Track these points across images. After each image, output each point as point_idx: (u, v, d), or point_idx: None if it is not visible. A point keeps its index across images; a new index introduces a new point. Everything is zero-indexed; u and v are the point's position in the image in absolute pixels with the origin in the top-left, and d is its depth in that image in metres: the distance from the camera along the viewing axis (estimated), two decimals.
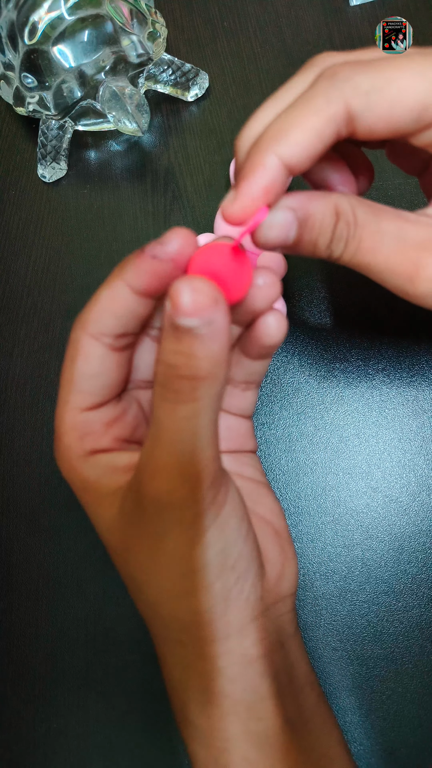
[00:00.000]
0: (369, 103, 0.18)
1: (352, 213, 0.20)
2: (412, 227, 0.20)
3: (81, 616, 0.33)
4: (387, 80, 0.18)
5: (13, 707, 0.33)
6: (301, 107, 0.19)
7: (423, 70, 0.18)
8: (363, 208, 0.20)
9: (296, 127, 0.18)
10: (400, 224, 0.20)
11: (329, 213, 0.20)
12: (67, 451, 0.23)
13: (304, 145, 0.18)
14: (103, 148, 0.40)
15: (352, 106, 0.18)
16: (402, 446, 0.33)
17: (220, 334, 0.18)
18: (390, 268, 0.20)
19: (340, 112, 0.18)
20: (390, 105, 0.18)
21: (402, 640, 0.31)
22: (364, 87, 0.18)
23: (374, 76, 0.18)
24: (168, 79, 0.39)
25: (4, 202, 0.40)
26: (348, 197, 0.20)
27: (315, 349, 0.34)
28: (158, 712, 0.32)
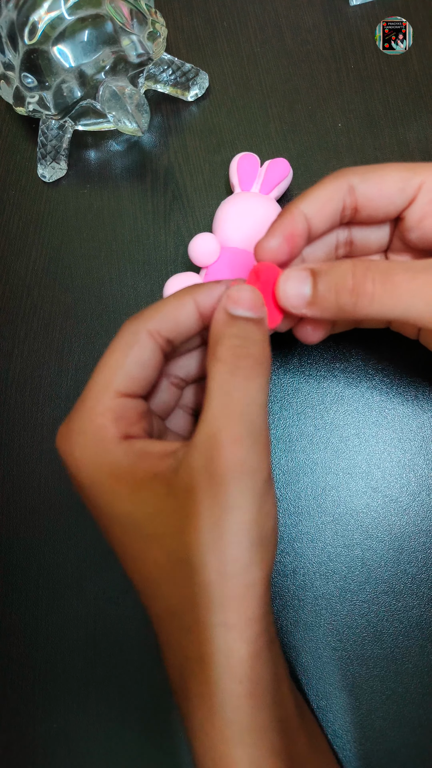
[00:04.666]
0: (364, 179, 0.25)
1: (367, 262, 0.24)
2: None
3: (81, 616, 0.33)
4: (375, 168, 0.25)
5: (13, 707, 0.33)
6: (317, 185, 0.26)
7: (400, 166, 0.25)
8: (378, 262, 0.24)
9: (314, 192, 0.25)
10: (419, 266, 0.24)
11: (343, 264, 0.24)
12: (99, 431, 0.23)
13: (319, 203, 0.25)
14: (103, 148, 0.40)
15: (352, 181, 0.25)
16: (402, 446, 0.33)
17: (265, 327, 0.24)
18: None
19: (345, 184, 0.25)
20: (379, 178, 0.25)
21: (402, 640, 0.31)
22: (360, 171, 0.25)
23: (367, 169, 0.25)
24: (168, 79, 0.39)
25: (4, 202, 0.40)
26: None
27: (315, 349, 0.34)
28: (158, 712, 0.32)
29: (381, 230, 0.28)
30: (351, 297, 0.23)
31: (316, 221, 0.25)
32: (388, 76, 0.39)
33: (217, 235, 0.35)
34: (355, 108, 0.38)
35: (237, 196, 0.35)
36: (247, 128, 0.39)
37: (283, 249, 0.25)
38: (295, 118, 0.39)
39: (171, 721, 0.32)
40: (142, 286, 0.37)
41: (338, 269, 0.24)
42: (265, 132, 0.39)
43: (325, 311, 0.24)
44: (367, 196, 0.25)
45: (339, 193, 0.25)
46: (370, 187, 0.25)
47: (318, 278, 0.24)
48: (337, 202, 0.25)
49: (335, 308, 0.24)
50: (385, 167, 0.25)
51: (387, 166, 0.25)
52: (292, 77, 0.40)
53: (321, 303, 0.24)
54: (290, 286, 0.24)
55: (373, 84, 0.39)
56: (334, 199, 0.25)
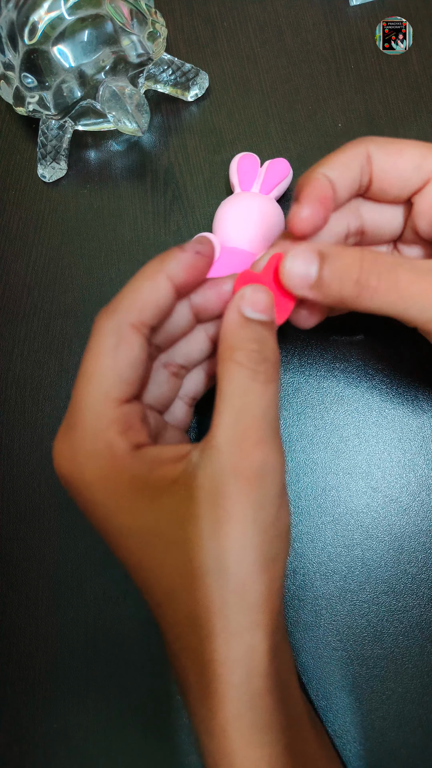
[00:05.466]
0: (382, 148, 0.25)
1: (376, 255, 0.24)
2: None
3: (81, 616, 0.33)
4: (395, 141, 0.25)
5: (13, 707, 0.33)
6: (336, 151, 0.26)
7: (420, 144, 0.25)
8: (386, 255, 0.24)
9: (334, 156, 0.25)
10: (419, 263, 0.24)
11: (351, 252, 0.24)
12: (110, 448, 0.22)
13: (340, 167, 0.25)
14: (103, 148, 0.40)
15: (371, 149, 0.25)
16: (402, 446, 0.33)
17: (275, 328, 0.24)
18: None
19: (363, 152, 0.25)
20: (397, 151, 0.25)
21: (402, 640, 0.31)
22: (380, 141, 0.25)
23: (387, 139, 0.25)
24: (168, 79, 0.39)
25: (4, 202, 0.40)
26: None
27: (315, 349, 0.34)
28: (158, 712, 0.32)
29: (393, 219, 0.28)
30: (354, 288, 0.23)
31: (339, 187, 0.25)
32: (388, 76, 0.39)
33: (217, 235, 0.35)
34: (355, 108, 0.38)
35: (237, 196, 0.35)
36: (247, 128, 0.39)
37: (319, 215, 0.24)
38: (295, 118, 0.39)
39: (171, 721, 0.32)
40: None
41: (346, 256, 0.24)
42: (265, 132, 0.39)
43: (327, 297, 0.24)
44: (383, 167, 0.25)
45: (358, 159, 0.25)
46: (387, 157, 0.25)
47: (325, 261, 0.24)
48: (356, 168, 0.25)
49: (337, 296, 0.24)
50: (405, 142, 0.25)
51: (407, 142, 0.25)
52: (292, 77, 0.40)
53: (324, 288, 0.24)
54: (296, 266, 0.24)
55: (373, 84, 0.39)
56: (354, 165, 0.25)
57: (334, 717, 0.30)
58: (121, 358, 0.22)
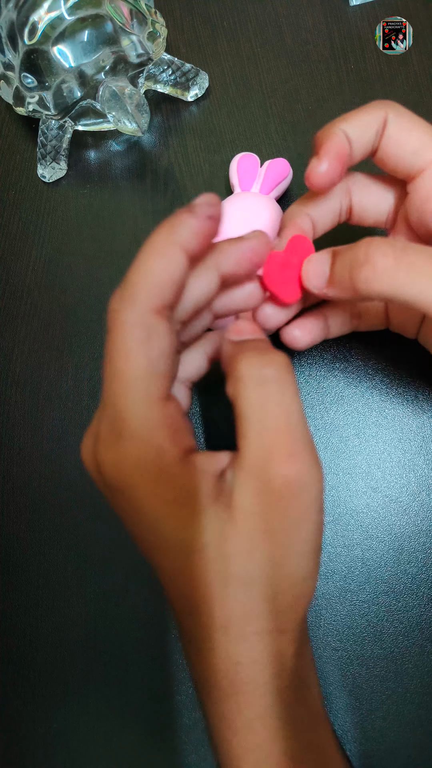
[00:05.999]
0: (397, 118, 0.25)
1: (381, 240, 0.23)
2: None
3: (81, 616, 0.33)
4: (412, 117, 0.25)
5: (13, 707, 0.33)
6: (358, 110, 0.26)
7: (429, 128, 0.25)
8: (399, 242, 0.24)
9: (356, 115, 0.25)
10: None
11: (359, 242, 0.24)
12: (161, 456, 0.20)
13: (360, 127, 0.25)
14: (103, 148, 0.40)
15: (389, 116, 0.25)
16: (402, 446, 0.33)
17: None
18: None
19: (382, 116, 0.25)
20: (408, 126, 0.25)
21: (402, 640, 0.31)
22: (398, 111, 0.25)
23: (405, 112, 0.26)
24: (168, 79, 0.39)
25: (4, 202, 0.40)
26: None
27: (315, 349, 0.34)
28: (158, 712, 0.32)
29: (380, 203, 0.28)
30: (363, 271, 0.23)
31: (356, 146, 0.25)
32: (388, 76, 0.39)
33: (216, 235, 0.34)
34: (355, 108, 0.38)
35: (237, 196, 0.35)
36: (247, 128, 0.39)
37: (336, 170, 0.25)
38: (295, 118, 0.39)
39: (171, 721, 0.32)
40: None
41: (354, 247, 0.24)
42: (265, 132, 0.39)
43: (342, 291, 0.24)
44: (389, 138, 0.25)
45: (377, 122, 0.25)
46: (396, 131, 0.25)
47: (336, 257, 0.24)
48: (374, 130, 0.25)
49: (350, 286, 0.23)
50: (419, 123, 0.25)
51: (420, 123, 0.25)
52: (292, 77, 0.40)
53: (337, 282, 0.24)
54: (312, 267, 0.25)
55: (373, 84, 0.39)
56: (372, 126, 0.25)
57: (334, 717, 0.30)
58: (154, 352, 0.20)
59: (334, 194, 0.28)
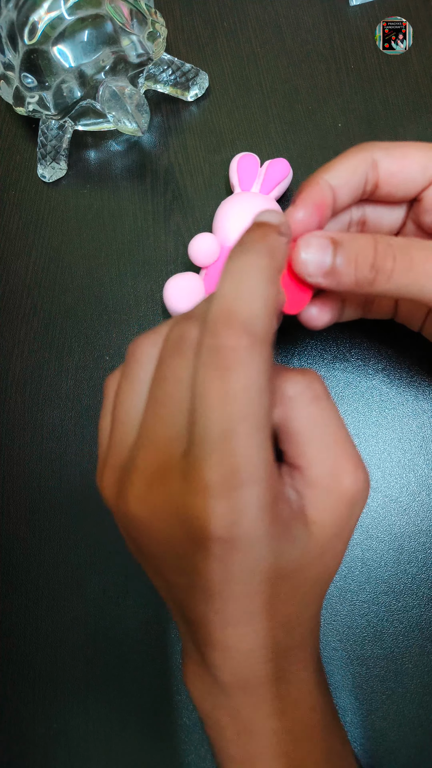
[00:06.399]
0: (387, 153, 0.25)
1: (389, 238, 0.23)
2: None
3: (81, 616, 0.33)
4: (399, 144, 0.25)
5: (13, 707, 0.33)
6: (341, 156, 0.25)
7: (423, 145, 0.26)
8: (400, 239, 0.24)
9: (338, 162, 0.25)
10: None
11: (365, 237, 0.23)
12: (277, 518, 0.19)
13: (344, 175, 0.25)
14: (103, 148, 0.40)
15: (376, 155, 0.25)
16: (402, 446, 0.33)
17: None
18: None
19: (369, 158, 0.25)
20: (402, 155, 0.25)
21: (402, 640, 0.31)
22: (384, 146, 0.25)
23: (390, 144, 0.25)
24: (168, 79, 0.39)
25: (4, 202, 0.40)
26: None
27: (315, 349, 0.34)
28: (158, 712, 0.32)
29: (396, 211, 0.28)
30: (370, 272, 0.23)
31: (341, 193, 0.25)
32: (388, 76, 0.39)
33: (217, 235, 0.35)
34: (355, 108, 0.38)
35: (237, 196, 0.35)
36: (247, 128, 0.39)
37: (313, 219, 0.24)
38: (295, 118, 0.39)
39: (171, 721, 0.32)
40: (142, 286, 0.37)
41: (360, 241, 0.23)
42: (265, 132, 0.39)
43: (342, 284, 0.23)
44: (390, 171, 0.25)
45: (363, 165, 0.25)
46: (393, 162, 0.25)
47: (339, 248, 0.23)
48: (361, 175, 0.25)
49: (353, 281, 0.23)
50: (409, 145, 0.25)
51: (410, 144, 0.25)
52: (292, 77, 0.40)
53: (339, 275, 0.23)
54: (310, 253, 0.23)
55: (373, 84, 0.39)
56: (359, 171, 0.25)
57: None
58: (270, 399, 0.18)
59: (342, 217, 0.28)
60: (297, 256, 0.23)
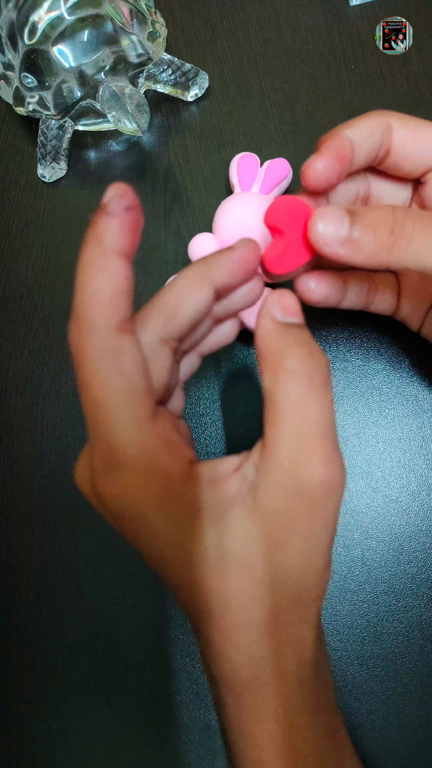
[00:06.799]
0: (403, 123, 0.26)
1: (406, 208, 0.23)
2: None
3: (81, 616, 0.33)
4: (415, 118, 0.26)
5: (13, 707, 0.33)
6: (360, 117, 0.26)
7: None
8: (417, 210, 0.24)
9: (359, 121, 0.26)
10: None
11: (382, 207, 0.23)
12: (164, 479, 0.20)
13: (363, 133, 0.25)
14: (103, 148, 0.40)
15: (392, 122, 0.26)
16: (402, 446, 0.33)
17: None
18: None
19: (385, 122, 0.26)
20: (416, 127, 0.25)
21: (402, 640, 0.31)
22: (401, 115, 0.26)
23: (407, 116, 0.26)
24: (168, 79, 0.39)
25: (4, 202, 0.40)
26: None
27: None
28: (158, 712, 0.32)
29: (401, 192, 0.28)
30: (390, 237, 0.23)
31: (359, 150, 0.25)
32: (388, 76, 0.39)
33: (217, 235, 0.34)
34: (355, 108, 0.38)
35: (237, 196, 0.35)
36: (247, 128, 0.39)
37: (334, 170, 0.24)
38: (295, 118, 0.39)
39: (171, 721, 0.32)
40: (142, 286, 0.37)
41: (378, 209, 0.23)
42: (265, 132, 0.39)
43: (361, 252, 0.23)
44: (402, 142, 0.26)
45: (381, 128, 0.25)
46: (407, 133, 0.25)
47: (356, 217, 0.23)
48: (378, 137, 0.25)
49: (372, 249, 0.23)
50: (425, 121, 0.26)
51: (426, 122, 0.26)
52: (292, 77, 0.40)
53: (357, 242, 0.23)
54: (326, 225, 0.23)
55: (373, 84, 0.39)
56: (376, 132, 0.25)
57: None
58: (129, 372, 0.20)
59: (352, 182, 0.28)
60: (313, 229, 0.23)
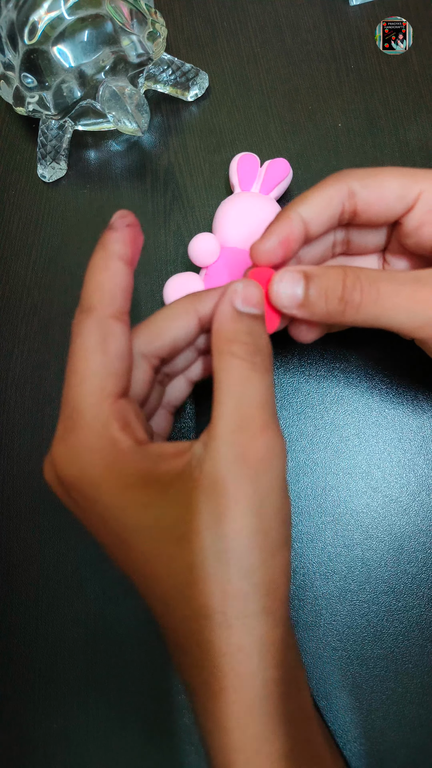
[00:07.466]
0: (363, 184, 0.25)
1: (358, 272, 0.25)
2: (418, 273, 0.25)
3: (81, 616, 0.33)
4: (376, 173, 0.26)
5: (13, 707, 0.33)
6: (317, 187, 0.26)
7: (400, 171, 0.26)
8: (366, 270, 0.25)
9: (314, 193, 0.26)
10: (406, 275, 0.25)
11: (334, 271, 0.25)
12: (114, 445, 0.22)
13: (318, 207, 0.25)
14: (103, 148, 0.40)
15: (352, 186, 0.25)
16: (402, 446, 0.33)
17: (264, 322, 0.25)
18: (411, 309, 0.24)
19: (344, 188, 0.25)
20: (378, 184, 0.25)
21: (402, 640, 0.31)
22: (360, 176, 0.26)
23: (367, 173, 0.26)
24: (168, 79, 0.39)
25: (4, 202, 0.40)
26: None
27: (315, 349, 0.34)
28: (158, 712, 0.32)
29: (378, 233, 0.28)
30: (339, 305, 0.24)
31: (314, 225, 0.26)
32: (388, 76, 0.39)
33: (217, 235, 0.35)
34: (355, 108, 0.38)
35: (237, 196, 0.35)
36: (247, 128, 0.39)
37: (277, 252, 0.25)
38: (295, 118, 0.39)
39: (171, 721, 0.32)
40: (142, 286, 0.37)
41: (329, 275, 0.25)
42: (265, 132, 0.39)
43: (314, 315, 0.25)
44: (367, 201, 0.26)
45: (338, 197, 0.26)
46: (370, 192, 0.25)
47: (310, 282, 0.25)
48: (336, 206, 0.26)
49: (324, 313, 0.25)
50: (385, 172, 0.26)
51: (386, 172, 0.26)
52: (292, 77, 0.40)
53: (311, 306, 0.25)
54: (283, 287, 0.25)
55: (373, 84, 0.39)
56: (333, 203, 0.26)
57: (334, 717, 0.30)
58: (110, 352, 0.23)
59: (326, 237, 0.28)
60: (271, 289, 0.25)
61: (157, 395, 0.28)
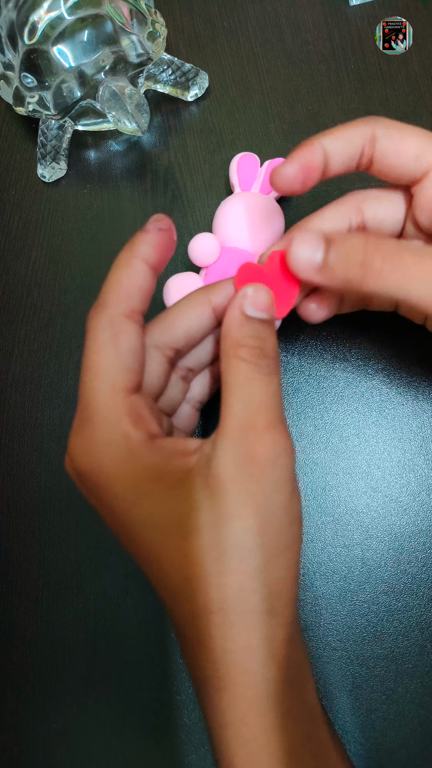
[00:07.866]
0: (387, 133, 0.25)
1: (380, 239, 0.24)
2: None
3: (81, 616, 0.33)
4: (401, 126, 0.26)
5: (13, 707, 0.33)
6: (344, 125, 0.26)
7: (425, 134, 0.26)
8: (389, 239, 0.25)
9: (338, 130, 0.26)
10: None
11: (356, 236, 0.24)
12: (127, 439, 0.22)
13: (340, 142, 0.26)
14: (102, 148, 0.40)
15: (377, 131, 0.25)
16: (402, 446, 0.33)
17: (274, 325, 0.25)
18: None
19: (369, 131, 0.26)
20: (400, 139, 0.25)
21: (402, 640, 0.31)
22: (387, 124, 0.26)
23: (393, 123, 0.26)
24: (168, 79, 0.39)
25: (4, 202, 0.40)
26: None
27: (315, 349, 0.34)
28: (158, 712, 0.32)
29: (394, 214, 0.28)
30: (360, 270, 0.24)
31: (335, 159, 0.26)
32: (388, 76, 0.39)
33: (217, 235, 0.35)
34: (355, 108, 0.38)
35: (237, 196, 0.35)
36: (247, 128, 0.39)
37: (298, 178, 0.25)
38: (295, 118, 0.39)
39: (171, 721, 0.32)
40: None
41: (351, 240, 0.24)
42: (265, 132, 0.39)
43: (333, 280, 0.24)
44: (384, 152, 0.26)
45: (361, 137, 0.26)
46: (389, 143, 0.25)
47: (331, 246, 0.24)
48: (357, 146, 0.26)
49: (343, 278, 0.24)
50: (411, 130, 0.26)
51: (412, 130, 0.26)
52: (292, 77, 0.40)
53: (330, 271, 0.24)
54: (302, 250, 0.25)
55: (373, 84, 0.39)
56: (355, 142, 0.26)
57: (334, 717, 0.30)
58: (123, 348, 0.23)
59: (343, 213, 0.28)
60: (290, 253, 0.25)
61: (179, 390, 0.28)
